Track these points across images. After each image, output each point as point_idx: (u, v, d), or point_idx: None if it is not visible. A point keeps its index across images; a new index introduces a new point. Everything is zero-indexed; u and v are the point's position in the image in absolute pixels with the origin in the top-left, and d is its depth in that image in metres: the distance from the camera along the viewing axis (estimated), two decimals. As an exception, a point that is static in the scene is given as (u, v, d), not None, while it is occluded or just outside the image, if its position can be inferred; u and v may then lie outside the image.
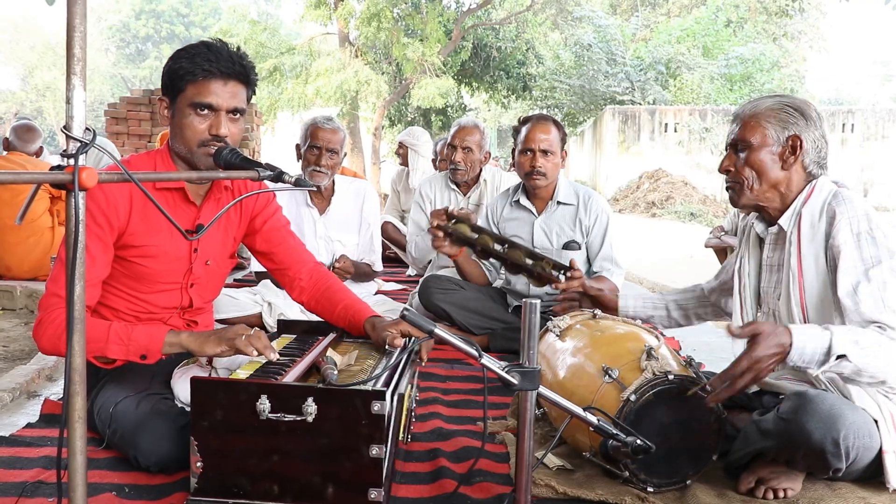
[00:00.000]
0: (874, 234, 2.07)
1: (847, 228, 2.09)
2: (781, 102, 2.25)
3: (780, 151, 2.22)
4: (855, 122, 21.42)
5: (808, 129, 2.21)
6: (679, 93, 23.83)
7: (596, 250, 3.64)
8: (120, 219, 2.23)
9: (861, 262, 2.06)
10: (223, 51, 2.24)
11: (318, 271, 2.66)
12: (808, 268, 2.17)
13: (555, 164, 3.61)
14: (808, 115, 2.22)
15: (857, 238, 2.07)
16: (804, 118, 2.21)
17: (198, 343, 2.18)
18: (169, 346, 2.18)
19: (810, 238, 2.17)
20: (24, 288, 5.09)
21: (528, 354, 1.75)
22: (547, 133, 3.58)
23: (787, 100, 2.26)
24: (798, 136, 2.20)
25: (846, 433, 1.87)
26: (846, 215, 2.10)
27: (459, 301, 3.82)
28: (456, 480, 2.09)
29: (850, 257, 2.07)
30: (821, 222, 2.16)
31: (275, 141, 23.16)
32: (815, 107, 2.25)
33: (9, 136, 5.61)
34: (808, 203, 2.20)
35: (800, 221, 2.20)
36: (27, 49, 44.97)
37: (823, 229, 2.14)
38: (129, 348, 2.16)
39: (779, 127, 2.21)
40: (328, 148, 3.90)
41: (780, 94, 2.32)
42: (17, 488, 2.01)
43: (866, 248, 2.06)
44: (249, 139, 9.20)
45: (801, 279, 2.17)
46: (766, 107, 2.25)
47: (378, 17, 21.44)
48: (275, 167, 1.97)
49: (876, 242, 2.06)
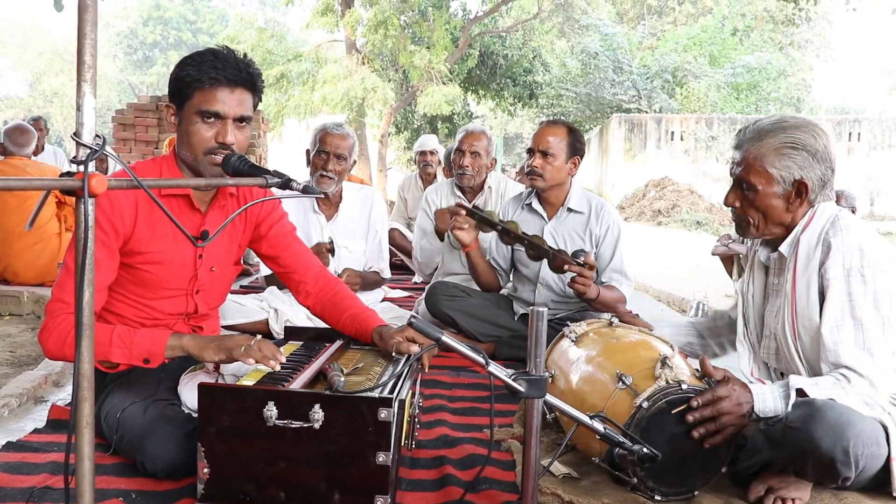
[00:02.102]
0: (864, 273, 2.06)
1: (839, 263, 2.08)
2: (785, 143, 2.14)
3: (785, 194, 2.18)
4: (861, 131, 21.37)
5: (813, 168, 2.15)
6: (685, 101, 23.83)
7: (606, 261, 3.63)
8: (125, 225, 2.24)
9: (848, 301, 2.07)
10: (230, 58, 2.24)
11: (324, 276, 2.66)
12: (801, 294, 2.17)
13: (555, 167, 3.58)
14: (814, 150, 2.14)
15: (848, 274, 2.07)
16: (810, 155, 2.14)
17: (199, 348, 2.19)
18: (171, 349, 2.19)
19: (805, 265, 2.17)
20: (32, 293, 5.11)
21: (534, 362, 1.75)
22: (551, 135, 3.57)
23: (791, 136, 2.15)
24: (804, 181, 2.15)
25: (855, 442, 1.86)
26: (840, 248, 2.08)
27: (466, 308, 3.82)
28: (462, 488, 2.09)
29: (838, 293, 2.08)
30: (816, 250, 2.15)
31: (282, 147, 23.18)
32: (820, 133, 2.16)
33: (2, 141, 5.50)
34: (806, 230, 2.19)
35: (797, 248, 2.20)
36: (35, 55, 45.23)
37: (818, 258, 2.13)
38: (132, 352, 2.17)
39: (784, 171, 2.15)
40: (336, 153, 3.90)
41: (785, 125, 2.19)
42: (25, 493, 2.01)
43: (855, 286, 2.06)
44: (256, 146, 9.21)
45: (794, 305, 2.19)
46: (770, 148, 2.16)
47: (385, 24, 21.46)
48: (282, 174, 1.97)
49: (865, 282, 2.06)
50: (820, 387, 2.02)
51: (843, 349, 2.06)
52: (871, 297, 2.05)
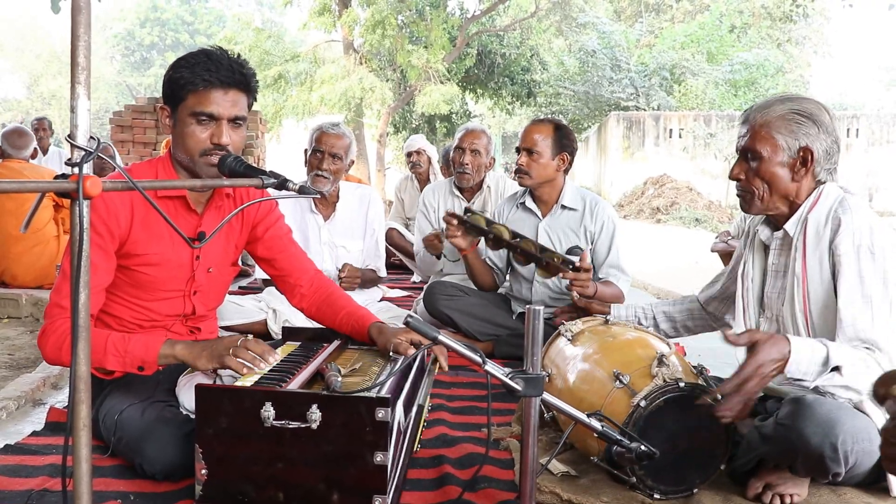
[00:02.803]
0: (874, 251, 2.05)
1: (849, 239, 2.07)
2: (792, 109, 2.17)
3: (790, 162, 2.17)
4: (860, 126, 21.39)
5: (818, 138, 2.15)
6: (683, 98, 23.85)
7: (602, 257, 3.63)
8: (121, 227, 2.23)
9: (859, 279, 2.05)
10: (223, 60, 2.24)
11: (319, 279, 2.66)
12: (813, 273, 2.15)
13: (541, 164, 3.58)
14: (820, 120, 2.15)
15: (858, 251, 2.06)
16: (815, 125, 2.15)
17: (192, 356, 2.17)
18: (164, 357, 2.18)
19: (815, 244, 2.15)
20: (30, 296, 5.11)
21: (531, 361, 1.75)
22: (536, 133, 3.58)
23: (798, 105, 2.18)
24: (809, 148, 2.15)
25: (844, 438, 1.86)
26: (850, 225, 2.07)
27: (464, 307, 3.82)
28: (460, 487, 2.09)
29: (850, 270, 2.06)
30: (826, 229, 2.13)
31: (280, 148, 23.18)
32: (827, 108, 2.18)
33: (1, 145, 5.53)
34: (814, 209, 2.17)
35: (805, 227, 2.18)
36: (33, 57, 45.22)
37: (828, 236, 2.12)
38: (126, 360, 2.16)
39: (790, 137, 2.15)
40: (331, 152, 3.90)
41: (791, 97, 2.23)
42: (23, 496, 2.01)
43: (865, 262, 2.05)
44: (254, 147, 9.21)
45: (806, 284, 2.16)
46: (776, 115, 2.17)
47: (382, 24, 21.46)
48: (279, 175, 1.97)
49: (874, 259, 2.05)
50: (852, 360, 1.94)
51: (861, 324, 2.02)
52: (881, 275, 2.04)
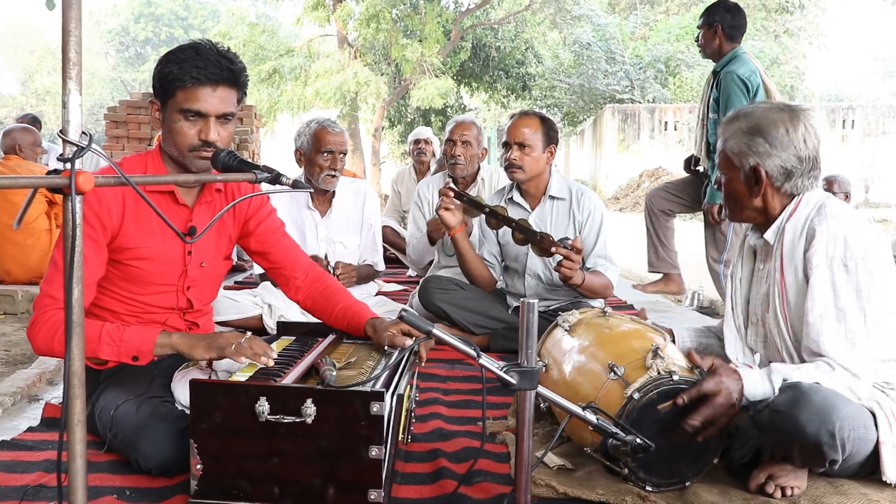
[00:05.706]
0: (846, 263, 2.05)
1: (823, 251, 2.07)
2: (741, 128, 2.17)
3: (746, 181, 2.20)
4: (855, 118, 21.39)
5: (770, 156, 2.14)
6: (678, 91, 23.83)
7: (590, 247, 3.63)
8: (113, 220, 2.23)
9: (831, 291, 2.06)
10: (211, 56, 2.22)
11: (314, 271, 2.66)
12: (790, 282, 2.17)
13: (533, 157, 3.59)
14: (772, 138, 2.13)
15: (831, 263, 2.06)
16: (767, 142, 2.13)
17: (188, 346, 2.18)
18: (160, 347, 2.18)
19: (791, 254, 2.16)
20: (26, 292, 5.11)
21: (526, 354, 1.75)
22: (525, 127, 3.58)
23: (753, 121, 2.16)
24: (757, 168, 2.16)
25: (841, 424, 1.87)
26: (825, 236, 2.07)
27: (459, 301, 3.82)
28: (456, 481, 2.09)
29: (821, 282, 2.06)
30: (801, 239, 2.14)
31: (274, 143, 23.14)
32: (786, 119, 2.14)
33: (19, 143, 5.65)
34: (792, 218, 2.18)
35: (783, 236, 2.19)
36: (27, 53, 45.07)
37: (803, 246, 2.13)
38: (121, 349, 2.16)
39: (741, 157, 2.18)
40: (341, 150, 3.92)
41: (753, 109, 2.20)
42: (19, 492, 2.01)
43: (838, 275, 2.05)
44: (249, 141, 9.19)
45: (784, 293, 2.18)
46: (730, 133, 2.20)
47: (377, 17, 21.42)
48: (272, 169, 1.97)
49: (847, 272, 2.05)
50: (803, 371, 2.02)
51: (824, 339, 2.05)
52: (854, 288, 2.04)
